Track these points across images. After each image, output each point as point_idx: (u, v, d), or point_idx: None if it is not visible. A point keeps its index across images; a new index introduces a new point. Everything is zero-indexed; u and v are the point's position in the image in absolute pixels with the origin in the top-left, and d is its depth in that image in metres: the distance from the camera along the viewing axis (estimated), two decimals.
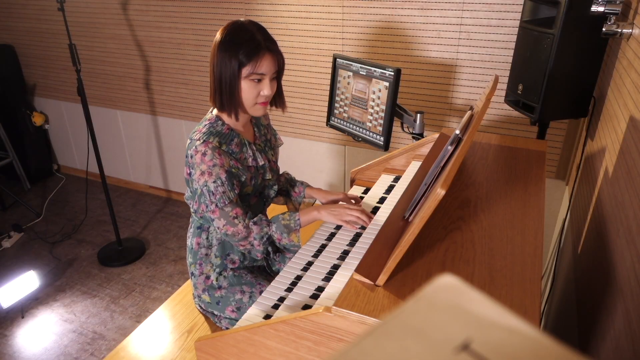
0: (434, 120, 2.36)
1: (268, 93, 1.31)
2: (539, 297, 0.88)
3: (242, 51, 1.24)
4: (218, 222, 1.31)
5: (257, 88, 1.30)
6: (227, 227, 1.31)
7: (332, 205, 1.40)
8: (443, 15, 2.14)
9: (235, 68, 1.26)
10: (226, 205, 1.29)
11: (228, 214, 1.30)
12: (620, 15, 1.42)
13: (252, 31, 1.27)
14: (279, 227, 1.35)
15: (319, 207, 1.41)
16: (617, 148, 1.21)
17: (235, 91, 1.29)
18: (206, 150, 1.27)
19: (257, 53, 1.25)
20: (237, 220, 1.31)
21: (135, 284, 2.64)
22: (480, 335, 0.29)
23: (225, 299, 1.42)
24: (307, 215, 1.39)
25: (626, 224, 1.00)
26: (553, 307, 1.90)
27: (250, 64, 1.25)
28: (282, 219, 1.36)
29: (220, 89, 1.30)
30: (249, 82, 1.28)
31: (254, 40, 1.25)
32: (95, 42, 3.17)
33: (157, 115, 3.23)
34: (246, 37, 1.25)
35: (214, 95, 1.33)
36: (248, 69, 1.26)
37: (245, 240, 1.34)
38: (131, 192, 3.63)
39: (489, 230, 1.08)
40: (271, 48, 1.28)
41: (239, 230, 1.32)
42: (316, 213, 1.39)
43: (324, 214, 1.38)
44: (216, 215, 1.30)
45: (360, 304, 0.89)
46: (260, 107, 1.34)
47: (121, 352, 1.38)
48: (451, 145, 1.11)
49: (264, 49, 1.26)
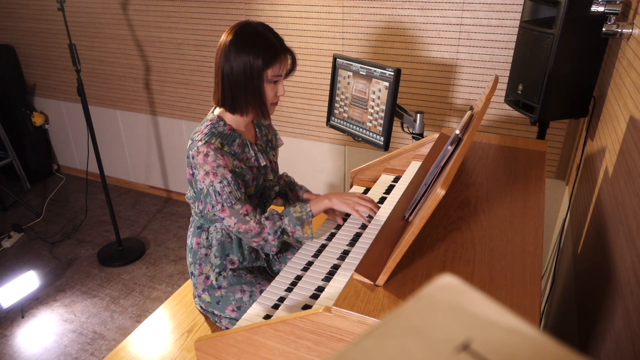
0: (434, 120, 2.36)
1: (282, 93, 1.36)
2: (539, 297, 0.88)
3: (265, 55, 1.26)
4: (229, 220, 1.31)
5: (274, 89, 1.34)
6: (239, 225, 1.31)
7: (343, 194, 1.42)
8: (443, 15, 2.14)
9: (259, 70, 1.27)
10: (235, 204, 1.30)
11: (238, 211, 1.30)
12: (620, 15, 1.42)
13: (267, 34, 1.29)
14: (292, 219, 1.36)
15: (331, 195, 1.42)
16: (617, 148, 1.21)
17: (261, 92, 1.31)
18: (208, 151, 1.27)
19: (278, 56, 1.28)
20: (249, 217, 1.32)
21: (135, 284, 2.64)
22: (480, 335, 0.29)
23: (225, 299, 1.42)
24: (318, 205, 1.40)
25: (626, 224, 1.00)
26: (553, 307, 1.90)
27: (273, 67, 1.28)
28: (293, 212, 1.37)
29: (238, 90, 1.30)
30: (268, 84, 1.31)
31: (272, 43, 1.28)
32: (95, 42, 3.17)
33: (157, 115, 3.23)
34: (264, 39, 1.27)
35: (225, 97, 1.33)
36: (271, 72, 1.29)
37: (259, 237, 1.35)
38: (131, 192, 3.64)
39: (489, 230, 1.08)
40: (286, 49, 1.31)
41: (251, 227, 1.32)
42: (327, 201, 1.40)
43: (335, 202, 1.40)
44: (226, 214, 1.30)
45: (360, 304, 0.89)
46: (273, 107, 1.39)
47: (121, 352, 1.38)
48: (451, 145, 1.11)
49: (281, 51, 1.29)
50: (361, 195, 1.42)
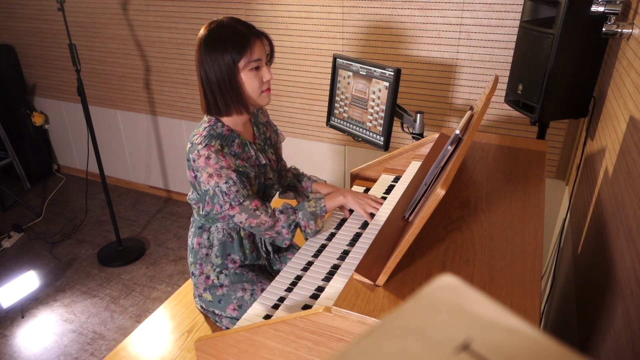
0: (434, 120, 2.36)
1: (269, 77, 1.33)
2: (539, 297, 0.88)
3: (231, 46, 1.25)
4: (239, 217, 1.31)
5: (258, 76, 1.31)
6: (250, 220, 1.32)
7: (358, 193, 1.44)
8: (443, 15, 2.14)
9: (230, 64, 1.26)
10: (244, 200, 1.30)
11: (248, 207, 1.31)
12: (620, 15, 1.42)
13: (233, 25, 1.28)
14: (306, 214, 1.37)
15: (345, 191, 1.44)
16: (617, 148, 1.21)
17: (239, 87, 1.30)
18: (210, 154, 1.27)
19: (246, 42, 1.26)
20: (259, 212, 1.32)
21: (135, 284, 2.64)
22: (480, 335, 0.29)
23: (227, 297, 1.42)
24: (332, 201, 1.42)
25: (626, 224, 1.00)
26: (553, 307, 1.90)
27: (244, 55, 1.26)
28: (308, 207, 1.38)
29: (221, 91, 1.30)
30: (248, 72, 1.29)
31: (238, 32, 1.26)
32: (95, 42, 3.17)
33: (157, 115, 3.23)
34: (230, 32, 1.26)
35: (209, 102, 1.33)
36: (244, 61, 1.27)
37: (272, 230, 1.36)
38: (131, 192, 3.64)
39: (489, 230, 1.08)
40: (256, 33, 1.29)
41: (263, 221, 1.33)
42: (342, 198, 1.42)
43: (350, 200, 1.42)
44: (236, 211, 1.30)
45: (360, 304, 0.89)
46: (266, 95, 1.36)
47: (121, 352, 1.38)
48: (451, 145, 1.11)
49: (250, 35, 1.27)
50: (375, 198, 1.45)
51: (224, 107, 1.32)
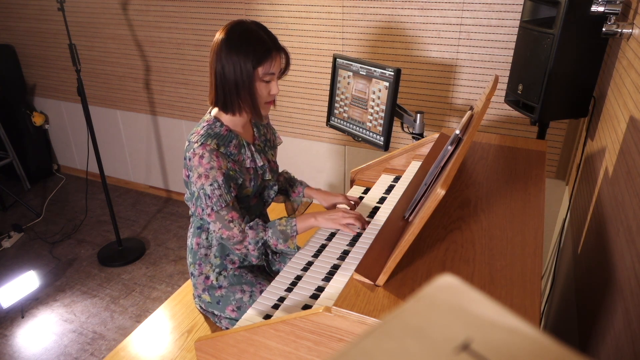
0: (434, 120, 2.36)
1: (276, 91, 1.33)
2: (539, 297, 0.88)
3: (255, 53, 1.25)
4: (214, 225, 1.31)
5: (267, 88, 1.32)
6: (223, 230, 1.31)
7: (328, 212, 1.39)
8: (443, 15, 2.14)
9: (250, 70, 1.26)
10: (222, 209, 1.29)
11: (224, 217, 1.30)
12: (620, 15, 1.42)
13: (258, 32, 1.27)
14: (275, 232, 1.34)
15: (316, 214, 1.38)
16: (617, 148, 1.21)
17: (253, 92, 1.30)
18: (204, 153, 1.27)
19: (269, 54, 1.27)
20: (233, 224, 1.31)
21: (135, 284, 2.64)
22: (480, 335, 0.29)
23: (225, 299, 1.42)
24: (304, 222, 1.37)
25: (626, 224, 1.00)
26: (553, 307, 1.90)
27: (264, 65, 1.27)
28: (278, 224, 1.35)
29: (230, 89, 1.29)
30: (259, 82, 1.30)
31: (263, 41, 1.26)
32: (95, 42, 3.17)
33: (157, 115, 3.23)
34: (255, 38, 1.26)
35: (218, 96, 1.32)
36: (262, 70, 1.27)
37: (241, 244, 1.34)
38: (131, 192, 3.63)
39: (489, 230, 1.08)
40: (278, 47, 1.30)
41: (234, 234, 1.31)
42: (313, 220, 1.37)
43: (321, 221, 1.36)
44: (212, 218, 1.30)
45: (360, 304, 0.89)
46: (268, 106, 1.37)
47: (121, 352, 1.38)
48: (451, 145, 1.11)
49: (274, 49, 1.28)
50: (346, 211, 1.38)
51: (231, 105, 1.32)
